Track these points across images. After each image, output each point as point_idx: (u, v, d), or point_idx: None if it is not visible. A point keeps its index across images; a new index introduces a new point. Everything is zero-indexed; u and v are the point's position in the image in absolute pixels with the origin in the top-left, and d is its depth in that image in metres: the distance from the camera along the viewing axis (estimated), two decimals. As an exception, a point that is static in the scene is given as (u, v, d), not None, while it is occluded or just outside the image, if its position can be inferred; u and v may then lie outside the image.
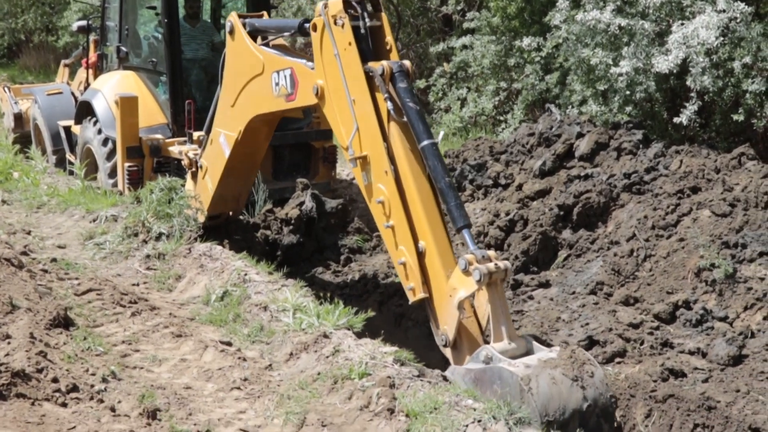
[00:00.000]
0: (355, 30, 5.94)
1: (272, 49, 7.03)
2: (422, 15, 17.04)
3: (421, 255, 5.59)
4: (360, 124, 5.89)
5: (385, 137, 5.77)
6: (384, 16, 6.19)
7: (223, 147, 7.58)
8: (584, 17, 10.34)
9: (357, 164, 5.94)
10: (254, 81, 7.04)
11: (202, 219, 8.02)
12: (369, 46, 6.01)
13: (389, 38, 6.12)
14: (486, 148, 11.18)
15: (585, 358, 5.01)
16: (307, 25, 6.38)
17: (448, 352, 5.46)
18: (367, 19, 6.01)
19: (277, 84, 6.73)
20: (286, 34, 7.02)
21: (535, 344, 5.21)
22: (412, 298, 5.66)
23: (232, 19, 7.37)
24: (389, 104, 5.72)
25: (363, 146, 5.91)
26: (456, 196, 5.54)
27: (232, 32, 7.35)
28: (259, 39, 7.28)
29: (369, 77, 5.83)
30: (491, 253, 5.26)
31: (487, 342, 5.25)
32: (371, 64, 5.83)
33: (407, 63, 5.91)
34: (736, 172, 8.74)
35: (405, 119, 5.71)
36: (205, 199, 7.98)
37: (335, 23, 5.99)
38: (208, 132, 7.86)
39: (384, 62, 5.78)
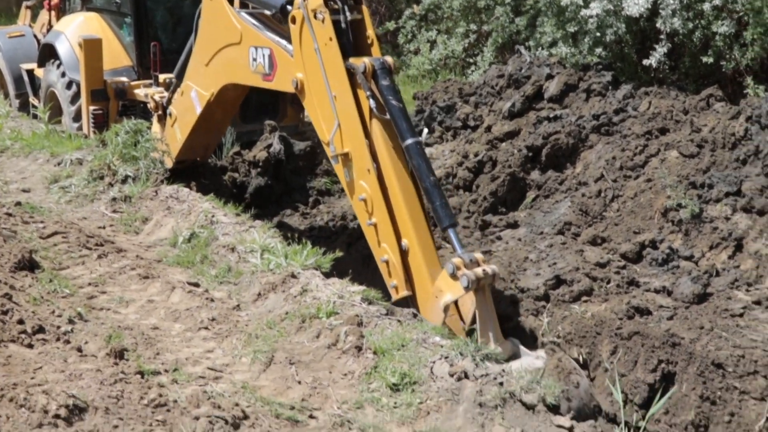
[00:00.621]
0: (336, 24, 5.77)
1: (252, 19, 6.71)
2: (392, -44, 16.84)
3: (404, 253, 5.58)
4: (341, 121, 5.79)
5: (368, 134, 5.70)
6: (365, 8, 6.03)
7: (194, 103, 7.41)
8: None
9: (339, 161, 5.86)
10: (231, 48, 6.83)
11: (169, 164, 7.95)
12: (350, 41, 5.87)
13: (370, 32, 5.99)
14: (455, 90, 11.12)
15: (571, 366, 5.05)
16: (289, 8, 6.10)
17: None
18: (347, 13, 5.85)
19: (254, 60, 6.54)
20: (267, 12, 6.61)
21: (522, 348, 5.19)
22: (394, 296, 5.62)
23: None
24: (371, 102, 5.63)
25: (345, 143, 5.82)
26: (441, 195, 5.56)
27: None
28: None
29: (350, 73, 5.71)
30: (479, 256, 5.27)
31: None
32: (353, 61, 5.71)
33: (389, 59, 5.82)
34: (704, 113, 8.76)
35: (388, 116, 5.65)
36: (174, 147, 7.90)
37: (315, 17, 5.81)
38: (179, 79, 7.68)
39: (366, 59, 5.69)
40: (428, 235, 5.68)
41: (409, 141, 5.57)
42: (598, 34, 10.64)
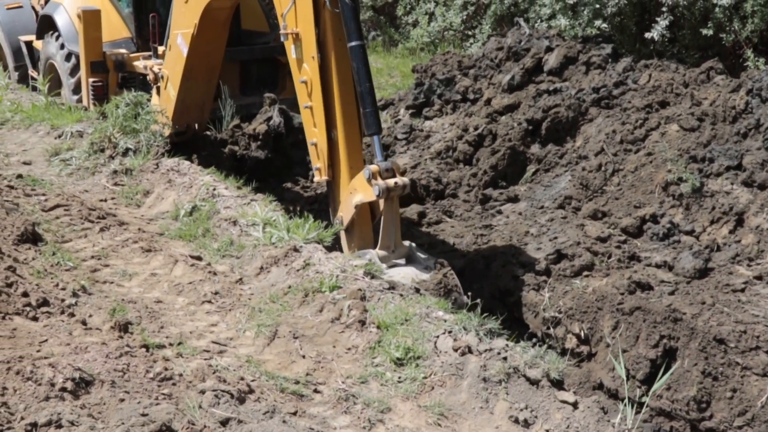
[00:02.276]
0: None
1: None
2: (390, -74, 16.71)
3: (331, 142, 5.96)
4: (297, 1, 5.94)
5: (318, 23, 5.85)
6: None
7: (181, 48, 7.54)
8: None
9: (288, 38, 6.06)
10: None
11: (168, 132, 7.93)
12: None
13: None
14: (454, 62, 11.08)
15: (453, 284, 5.38)
16: None
17: (342, 235, 5.99)
18: None
19: None
20: None
21: (419, 255, 5.75)
22: (317, 177, 6.11)
23: None
24: None
25: (297, 23, 5.98)
26: (373, 102, 5.79)
27: None
28: None
29: None
30: (396, 164, 5.71)
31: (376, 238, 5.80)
32: None
33: None
34: (704, 86, 8.75)
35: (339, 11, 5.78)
36: (169, 109, 7.94)
37: None
38: (167, 40, 7.79)
39: None
40: (357, 134, 6.02)
41: (353, 43, 5.74)
42: (597, 6, 10.61)
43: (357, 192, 5.75)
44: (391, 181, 5.55)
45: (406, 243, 5.83)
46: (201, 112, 8.16)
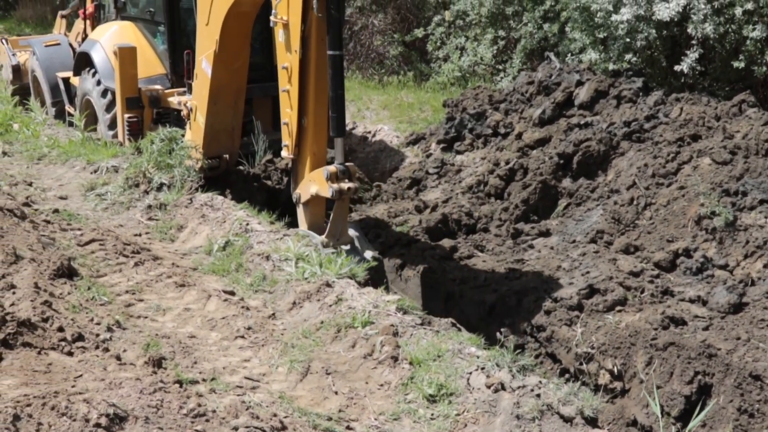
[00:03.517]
0: None
1: None
2: (421, -38, 16.86)
3: (300, 127, 6.75)
4: None
5: (305, 20, 6.45)
6: None
7: (206, 71, 7.82)
8: (586, -37, 10.23)
9: (278, 24, 6.65)
10: None
11: (199, 163, 8.02)
12: None
13: None
14: (485, 97, 11.13)
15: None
16: None
17: (299, 209, 6.93)
18: None
19: None
20: None
21: (361, 244, 6.78)
22: (284, 153, 6.94)
23: None
24: (315, 1, 6.29)
25: (289, 13, 6.54)
26: (342, 108, 6.50)
27: None
28: None
29: None
30: (353, 168, 6.61)
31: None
32: None
33: None
34: (736, 119, 8.72)
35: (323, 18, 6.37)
36: (200, 138, 8.07)
37: None
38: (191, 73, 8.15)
39: None
40: (324, 123, 6.78)
41: (332, 52, 6.36)
42: (627, 39, 10.61)
43: (314, 183, 6.66)
44: (344, 185, 6.47)
45: (352, 233, 6.83)
46: (231, 139, 8.26)
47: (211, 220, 7.20)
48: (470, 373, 4.56)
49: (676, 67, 10.12)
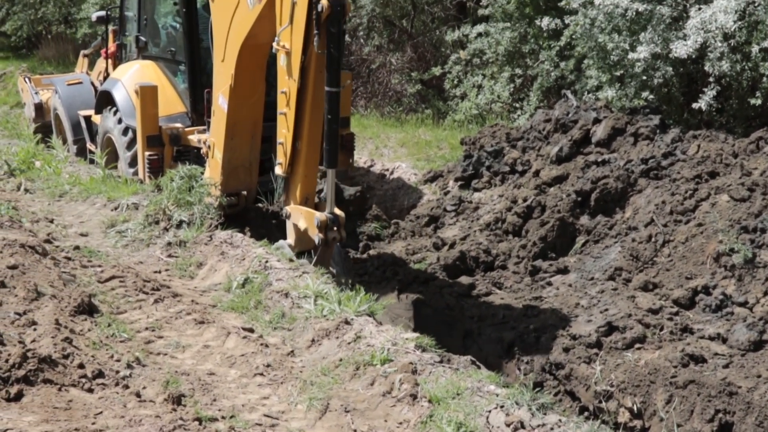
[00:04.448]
0: None
1: None
2: (437, 2, 16.98)
3: (295, 150, 7.11)
4: (293, 24, 6.75)
5: (306, 50, 6.73)
6: None
7: (222, 106, 7.97)
8: (603, 2, 10.30)
9: (281, 50, 6.93)
10: (236, 13, 7.56)
11: (218, 200, 8.08)
12: None
13: None
14: (502, 134, 11.19)
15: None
16: None
17: (288, 223, 7.28)
18: None
19: None
20: None
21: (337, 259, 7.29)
22: (278, 170, 7.32)
23: None
24: (316, 38, 6.54)
25: (291, 43, 6.81)
26: (333, 141, 6.79)
27: None
28: None
29: (311, 2, 6.52)
30: (341, 219, 6.92)
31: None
32: None
33: (348, 3, 6.61)
34: (754, 156, 8.73)
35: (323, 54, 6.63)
36: (218, 175, 8.16)
37: None
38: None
39: (325, 2, 6.43)
40: (316, 149, 7.14)
41: (329, 89, 6.62)
42: (644, 77, 10.65)
43: (303, 219, 7.05)
44: (330, 235, 6.86)
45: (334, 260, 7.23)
46: (249, 175, 8.34)
47: (231, 258, 7.24)
48: (489, 411, 4.55)
49: (693, 105, 10.14)
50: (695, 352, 6.07)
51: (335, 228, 6.89)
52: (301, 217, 7.12)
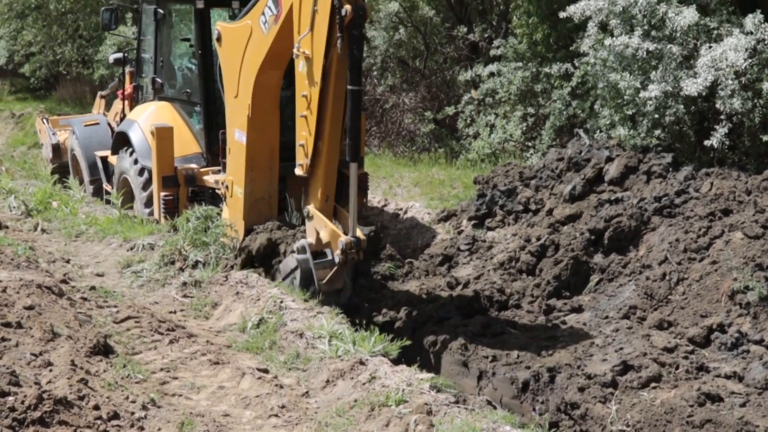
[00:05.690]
0: None
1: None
2: (449, 42, 17.15)
3: (316, 150, 7.36)
4: (313, 32, 7.06)
5: (327, 56, 7.00)
6: None
7: (240, 140, 8.22)
8: (613, 42, 10.38)
9: (300, 56, 7.22)
10: (249, 43, 7.91)
11: (240, 236, 8.21)
12: None
13: None
14: (515, 173, 11.23)
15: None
16: None
17: (307, 222, 7.58)
18: None
19: (265, 23, 7.67)
20: None
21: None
22: (298, 171, 7.56)
23: (219, 27, 8.47)
24: (339, 41, 6.86)
25: (312, 49, 7.10)
26: (358, 137, 7.12)
27: (219, 39, 8.45)
28: None
29: (334, 7, 6.80)
30: (364, 243, 7.31)
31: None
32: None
33: (367, 9, 6.95)
34: (767, 193, 8.73)
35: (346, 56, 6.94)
36: (240, 211, 8.30)
37: None
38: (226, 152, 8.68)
39: (348, 6, 6.76)
40: (337, 149, 7.50)
41: (352, 87, 6.95)
42: (656, 115, 10.69)
43: (325, 232, 7.39)
44: (350, 254, 7.20)
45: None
46: (269, 208, 8.47)
47: (246, 298, 7.28)
48: (504, 452, 4.55)
49: (706, 142, 10.16)
50: (711, 390, 6.04)
51: (356, 251, 7.23)
52: (324, 230, 7.41)
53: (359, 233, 7.31)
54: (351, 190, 7.24)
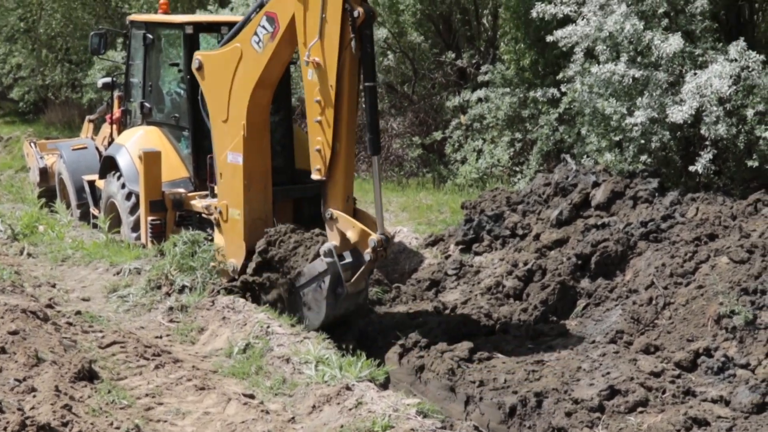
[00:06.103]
0: None
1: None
2: (438, 68, 17.26)
3: (334, 152, 7.42)
4: (324, 39, 7.22)
5: (340, 59, 7.17)
6: None
7: (234, 161, 8.26)
8: (599, 69, 10.46)
9: (310, 65, 7.35)
10: (240, 65, 8.03)
11: (240, 262, 8.18)
12: None
13: None
14: (503, 198, 11.26)
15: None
16: None
17: (328, 225, 7.59)
18: None
19: (258, 42, 7.82)
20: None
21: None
22: (315, 176, 7.58)
23: (200, 56, 8.55)
24: (353, 43, 7.10)
25: (324, 55, 7.26)
26: (375, 131, 7.33)
27: (200, 68, 8.51)
28: None
29: (345, 9, 7.03)
30: (392, 239, 7.52)
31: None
32: (352, 2, 7.04)
33: (375, 10, 7.28)
34: (752, 218, 8.78)
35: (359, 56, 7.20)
36: (239, 234, 8.24)
37: None
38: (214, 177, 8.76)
39: (360, 8, 7.04)
40: (353, 148, 7.67)
41: (368, 83, 7.23)
42: (642, 141, 10.77)
43: (354, 231, 7.35)
44: (380, 249, 7.25)
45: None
46: (266, 228, 8.39)
47: (232, 323, 7.27)
48: (490, 477, 4.53)
49: (691, 168, 10.24)
50: (698, 415, 6.05)
51: (384, 248, 7.31)
52: (351, 230, 7.41)
53: (387, 231, 7.42)
54: (375, 184, 7.48)
